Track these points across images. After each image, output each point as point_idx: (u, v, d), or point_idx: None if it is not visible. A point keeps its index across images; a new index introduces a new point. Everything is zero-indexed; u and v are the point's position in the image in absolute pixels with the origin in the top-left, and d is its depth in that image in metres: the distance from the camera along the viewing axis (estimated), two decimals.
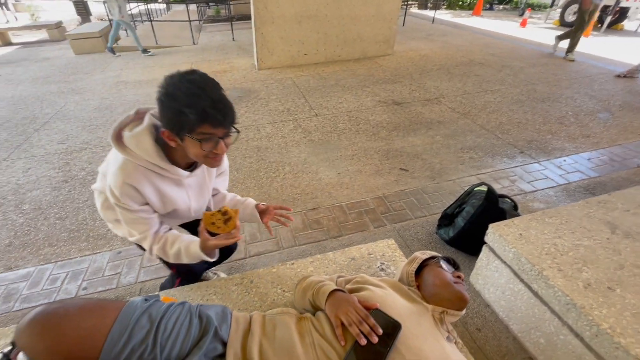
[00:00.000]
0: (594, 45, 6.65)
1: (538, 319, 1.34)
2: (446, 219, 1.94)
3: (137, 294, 1.75)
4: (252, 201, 1.23)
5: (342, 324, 0.82)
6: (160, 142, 0.90)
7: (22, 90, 4.83)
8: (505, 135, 3.22)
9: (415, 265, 1.05)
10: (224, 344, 0.80)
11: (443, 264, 1.03)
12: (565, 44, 5.57)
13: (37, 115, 3.92)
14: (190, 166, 1.01)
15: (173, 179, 0.98)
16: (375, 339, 0.78)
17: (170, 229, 1.10)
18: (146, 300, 0.80)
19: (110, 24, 7.52)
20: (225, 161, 1.21)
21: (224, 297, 1.22)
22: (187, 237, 1.04)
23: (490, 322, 1.56)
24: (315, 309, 0.97)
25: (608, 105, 3.80)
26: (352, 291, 1.04)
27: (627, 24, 8.76)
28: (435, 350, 0.82)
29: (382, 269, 1.32)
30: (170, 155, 0.92)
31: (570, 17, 8.42)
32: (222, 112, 0.80)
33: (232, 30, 7.97)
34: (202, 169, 1.06)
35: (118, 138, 0.89)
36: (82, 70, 5.71)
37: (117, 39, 6.51)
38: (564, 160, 2.81)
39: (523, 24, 8.68)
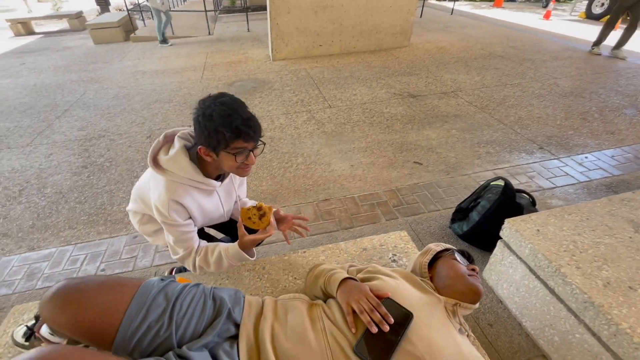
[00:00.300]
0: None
1: (553, 317, 1.31)
2: (460, 213, 1.91)
3: (152, 277, 1.80)
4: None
5: (354, 311, 0.82)
6: (193, 159, 1.01)
7: (44, 78, 4.97)
8: (524, 130, 3.12)
9: (429, 257, 1.04)
10: (237, 326, 0.81)
11: (457, 257, 1.01)
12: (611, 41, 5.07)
13: (58, 103, 4.03)
14: (219, 177, 1.12)
15: (207, 190, 1.09)
16: (386, 328, 0.78)
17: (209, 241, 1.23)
18: (162, 280, 0.82)
19: (129, 14, 7.62)
20: None
21: (237, 282, 1.24)
22: (224, 243, 1.12)
23: (503, 319, 1.53)
24: (326, 296, 0.97)
25: (635, 102, 3.63)
26: (363, 280, 1.04)
27: None
28: (447, 341, 0.81)
29: (394, 260, 1.31)
30: (203, 169, 1.03)
31: (597, 9, 8.05)
32: (253, 129, 0.91)
33: (247, 21, 7.95)
34: (230, 178, 1.18)
35: (155, 162, 1.01)
36: (101, 59, 5.82)
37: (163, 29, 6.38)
38: (586, 157, 2.72)
39: (547, 16, 8.34)
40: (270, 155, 2.80)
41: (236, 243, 1.06)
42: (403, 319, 0.82)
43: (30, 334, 0.93)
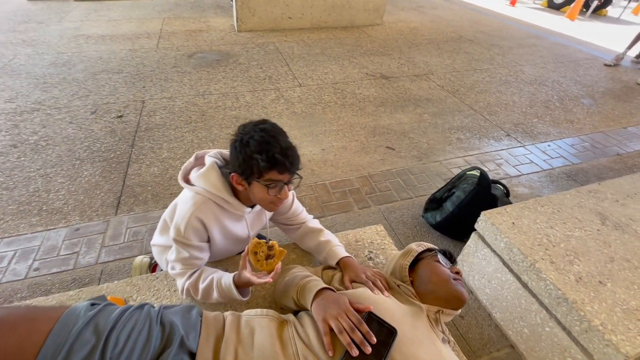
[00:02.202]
0: (580, 29, 6.64)
1: (524, 310, 1.31)
2: (434, 202, 1.87)
3: (97, 276, 1.58)
4: (338, 251, 1.07)
5: (331, 330, 0.71)
6: (226, 179, 0.95)
7: None
8: (493, 116, 3.15)
9: (410, 259, 0.95)
10: (193, 355, 0.67)
11: (440, 258, 0.93)
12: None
13: None
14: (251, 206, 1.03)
15: (235, 215, 0.99)
16: (368, 350, 0.68)
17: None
18: (93, 305, 0.64)
19: None
20: (290, 194, 1.14)
21: None
22: (223, 272, 0.97)
23: (473, 309, 1.53)
24: (299, 308, 0.86)
25: (592, 92, 3.81)
26: (339, 288, 0.94)
27: (610, 10, 8.80)
28: (433, 355, 0.74)
29: (370, 258, 1.22)
30: (235, 194, 0.96)
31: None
32: (290, 160, 0.85)
33: None
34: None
35: (187, 181, 0.96)
36: (35, 18, 5.02)
37: None
38: (549, 146, 2.80)
39: (512, 2, 8.50)
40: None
41: (232, 275, 0.91)
42: (386, 336, 0.72)
43: None
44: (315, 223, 1.18)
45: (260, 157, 0.81)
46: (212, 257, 1.05)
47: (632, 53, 4.66)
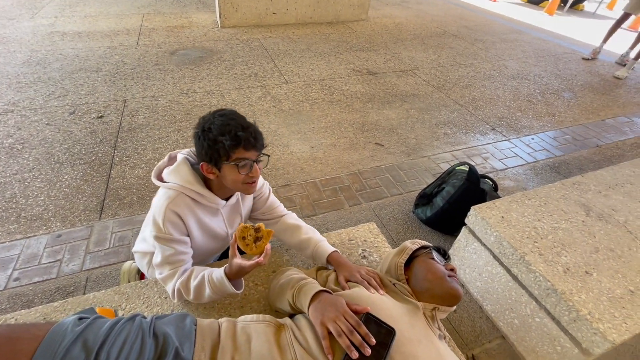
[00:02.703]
0: (558, 24, 6.81)
1: (514, 302, 1.34)
2: (424, 198, 1.88)
3: (83, 284, 1.53)
4: (324, 247, 1.07)
5: (330, 333, 0.70)
6: (198, 174, 0.96)
7: None
8: (478, 111, 3.20)
9: (405, 257, 0.95)
10: None
11: (435, 256, 0.94)
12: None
13: None
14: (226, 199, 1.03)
15: (210, 208, 1.00)
16: (368, 352, 0.68)
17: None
18: (81, 319, 0.61)
19: None
20: (264, 184, 1.17)
21: None
22: (213, 268, 0.94)
23: (465, 302, 1.55)
24: (295, 311, 0.85)
25: (571, 85, 3.91)
26: (335, 288, 0.93)
27: (587, 5, 9.05)
28: (431, 354, 0.74)
29: (364, 257, 1.22)
30: (208, 187, 0.97)
31: None
32: (253, 135, 0.88)
33: None
34: (237, 198, 1.07)
35: (160, 179, 0.98)
36: (5, 15, 4.78)
37: None
38: (532, 139, 2.87)
39: None
40: None
41: (223, 268, 0.89)
42: (385, 337, 0.72)
43: None
44: (292, 218, 1.18)
45: (224, 138, 0.84)
46: (194, 257, 1.03)
47: (632, 54, 4.42)
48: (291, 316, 0.87)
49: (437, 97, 3.37)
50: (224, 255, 1.29)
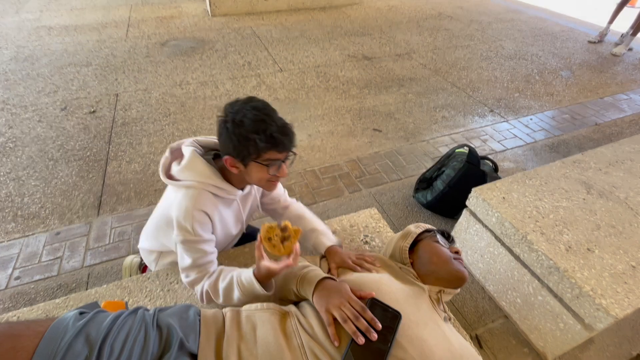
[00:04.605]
0: (555, 2, 6.69)
1: (517, 281, 1.35)
2: (424, 182, 1.87)
3: (85, 280, 1.52)
4: (324, 240, 1.04)
5: (335, 320, 0.70)
6: (213, 165, 0.91)
7: None
8: (476, 93, 3.17)
9: (410, 241, 0.95)
10: (194, 357, 0.65)
11: (439, 239, 0.93)
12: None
13: None
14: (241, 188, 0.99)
15: (228, 200, 0.96)
16: (374, 337, 0.67)
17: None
18: (82, 314, 0.60)
19: None
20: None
21: None
22: (242, 269, 0.90)
23: (467, 284, 1.55)
24: (299, 299, 0.84)
25: (569, 64, 3.87)
26: (340, 273, 0.93)
27: None
28: (437, 336, 0.74)
29: (366, 242, 1.22)
30: (226, 179, 0.92)
31: None
32: (289, 138, 0.82)
33: None
34: (252, 187, 1.04)
35: (170, 177, 0.90)
36: None
37: None
38: (531, 119, 2.84)
39: None
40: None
41: (251, 269, 0.85)
42: (391, 321, 0.72)
43: None
44: (296, 209, 1.16)
45: (258, 137, 0.77)
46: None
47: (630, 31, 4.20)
48: (295, 303, 0.87)
49: (434, 81, 3.33)
50: (240, 242, 1.26)
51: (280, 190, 1.15)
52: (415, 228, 0.97)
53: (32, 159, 2.16)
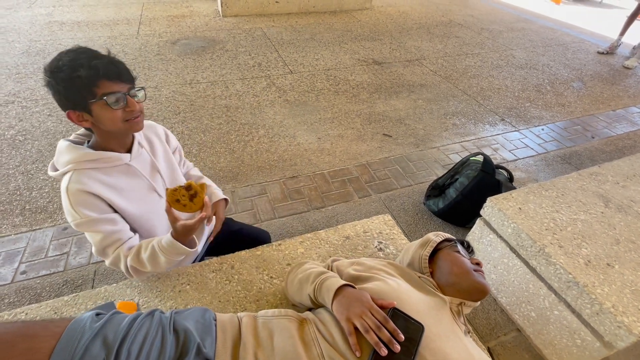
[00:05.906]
0: (566, 13, 6.68)
1: (531, 294, 1.32)
2: (436, 189, 1.85)
3: (91, 277, 1.50)
4: (218, 194, 1.16)
5: (356, 329, 0.68)
6: (78, 143, 0.90)
7: None
8: (487, 101, 3.14)
9: (430, 249, 0.92)
10: None
11: (460, 249, 0.90)
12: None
13: None
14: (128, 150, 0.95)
15: (120, 169, 0.91)
16: (397, 348, 0.65)
17: None
18: (98, 315, 0.58)
19: None
20: (173, 138, 1.13)
21: (200, 287, 1.03)
22: (161, 237, 0.89)
23: None
24: (316, 306, 0.82)
25: (581, 75, 3.84)
26: (357, 280, 0.90)
27: None
28: (460, 350, 0.71)
29: (381, 249, 1.19)
30: (100, 148, 0.88)
31: None
32: (113, 63, 0.77)
33: None
34: (148, 148, 1.00)
35: (54, 170, 0.89)
36: (2, 4, 4.68)
37: None
38: (542, 129, 2.82)
39: None
40: (227, 127, 2.48)
41: (169, 232, 0.85)
42: (413, 332, 0.69)
43: None
44: (197, 171, 1.24)
45: (79, 72, 0.73)
46: (152, 231, 0.99)
47: None
48: (310, 309, 0.84)
49: (444, 87, 3.31)
50: (238, 241, 1.25)
51: (187, 162, 1.22)
52: (435, 236, 0.94)
53: (42, 152, 2.15)
